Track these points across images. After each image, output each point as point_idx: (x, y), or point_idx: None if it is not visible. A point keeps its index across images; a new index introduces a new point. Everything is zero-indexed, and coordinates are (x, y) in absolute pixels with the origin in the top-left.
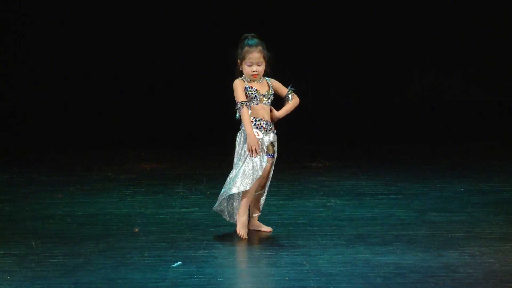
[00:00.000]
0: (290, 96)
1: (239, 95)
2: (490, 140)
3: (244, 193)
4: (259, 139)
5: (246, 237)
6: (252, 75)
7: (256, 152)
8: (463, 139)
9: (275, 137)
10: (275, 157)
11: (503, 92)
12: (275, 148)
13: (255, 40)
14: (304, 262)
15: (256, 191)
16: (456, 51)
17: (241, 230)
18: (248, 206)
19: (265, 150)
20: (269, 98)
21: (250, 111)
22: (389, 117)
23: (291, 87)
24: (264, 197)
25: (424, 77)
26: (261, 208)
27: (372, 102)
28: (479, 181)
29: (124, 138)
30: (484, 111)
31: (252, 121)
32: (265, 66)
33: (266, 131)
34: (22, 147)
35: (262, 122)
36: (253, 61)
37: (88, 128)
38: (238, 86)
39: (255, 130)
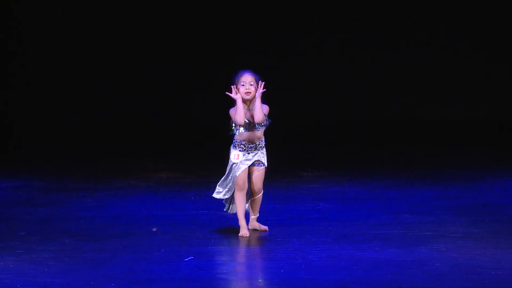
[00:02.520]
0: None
1: (235, 118)
2: (455, 153)
3: (237, 203)
4: (237, 162)
5: (248, 234)
6: (246, 93)
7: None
8: (431, 152)
9: (262, 153)
10: (265, 167)
11: (468, 112)
12: (263, 161)
13: (247, 70)
14: (297, 257)
15: (251, 197)
16: (427, 77)
17: (243, 231)
18: (243, 212)
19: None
20: (260, 124)
21: (239, 132)
22: (369, 133)
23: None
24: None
25: (401, 98)
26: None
27: (354, 120)
28: (445, 188)
29: (144, 151)
30: (451, 128)
31: (237, 143)
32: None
33: (248, 153)
34: (56, 158)
35: (246, 145)
36: (246, 81)
37: (113, 142)
38: (232, 111)
39: (236, 152)
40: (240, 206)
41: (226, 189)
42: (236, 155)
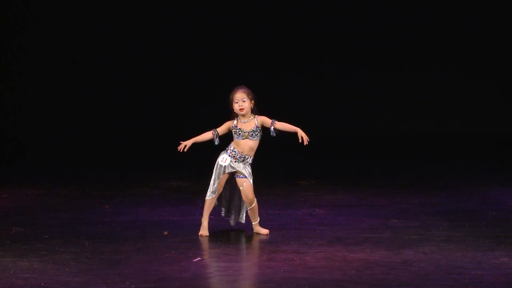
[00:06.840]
0: (272, 127)
1: (220, 126)
2: (438, 164)
3: (207, 203)
4: (224, 165)
5: (206, 235)
6: (240, 109)
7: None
8: (417, 164)
9: (247, 165)
10: (249, 179)
11: (449, 127)
12: (246, 172)
13: (240, 86)
14: (295, 258)
15: (248, 207)
16: (410, 95)
17: (202, 231)
18: (208, 213)
19: (225, 170)
20: (254, 134)
21: (217, 139)
22: (360, 146)
23: (274, 121)
24: (256, 207)
25: (387, 115)
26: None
27: (347, 135)
28: (429, 196)
29: (156, 162)
30: (434, 142)
31: (230, 149)
32: (251, 104)
33: (236, 161)
34: (78, 168)
35: (236, 153)
36: (239, 98)
37: (129, 154)
38: (226, 122)
39: (225, 155)
40: (208, 207)
41: (214, 190)
42: (224, 158)
